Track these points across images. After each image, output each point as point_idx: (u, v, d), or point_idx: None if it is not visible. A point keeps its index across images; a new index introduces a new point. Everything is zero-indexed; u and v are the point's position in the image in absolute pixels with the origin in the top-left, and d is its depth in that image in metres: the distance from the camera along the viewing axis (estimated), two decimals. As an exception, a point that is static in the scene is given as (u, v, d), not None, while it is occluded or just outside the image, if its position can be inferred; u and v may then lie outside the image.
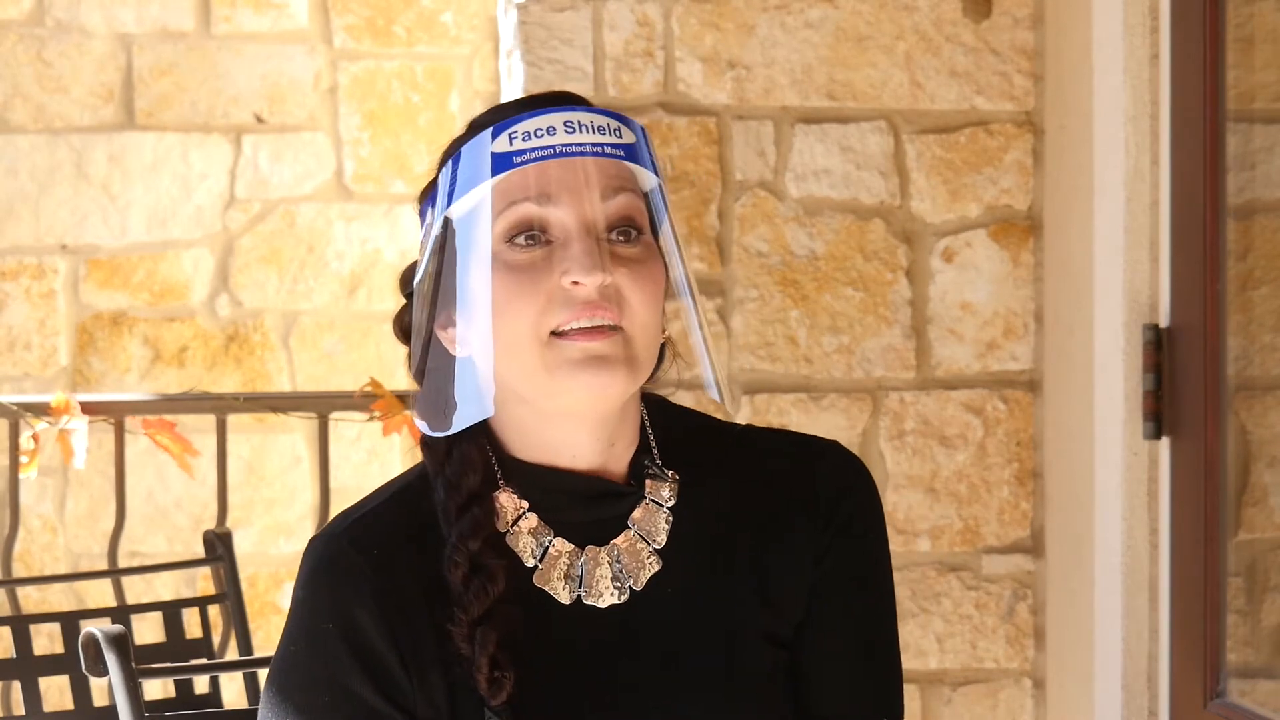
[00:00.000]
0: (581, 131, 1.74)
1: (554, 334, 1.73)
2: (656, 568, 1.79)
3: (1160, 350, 3.22)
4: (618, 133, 1.76)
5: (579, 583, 1.78)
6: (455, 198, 1.76)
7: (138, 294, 5.32)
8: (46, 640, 3.34)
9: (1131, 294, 3.26)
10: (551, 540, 1.78)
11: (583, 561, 1.78)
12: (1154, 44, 3.23)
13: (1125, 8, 3.25)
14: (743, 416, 3.68)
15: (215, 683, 3.09)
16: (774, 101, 3.70)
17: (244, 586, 3.79)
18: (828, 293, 3.72)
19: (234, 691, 4.57)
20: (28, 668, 2.85)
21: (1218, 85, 3.09)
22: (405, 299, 1.85)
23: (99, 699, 2.88)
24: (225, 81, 5.34)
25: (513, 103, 1.80)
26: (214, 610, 3.44)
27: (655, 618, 1.78)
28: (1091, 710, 3.44)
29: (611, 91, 3.64)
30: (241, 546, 5.00)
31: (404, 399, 3.81)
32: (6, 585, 3.66)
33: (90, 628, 2.18)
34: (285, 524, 5.33)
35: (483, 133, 1.75)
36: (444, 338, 1.79)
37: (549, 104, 1.77)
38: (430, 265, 1.79)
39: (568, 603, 1.77)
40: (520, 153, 1.73)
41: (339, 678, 1.74)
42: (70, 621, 2.91)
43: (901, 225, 3.73)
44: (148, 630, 4.10)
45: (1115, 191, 3.29)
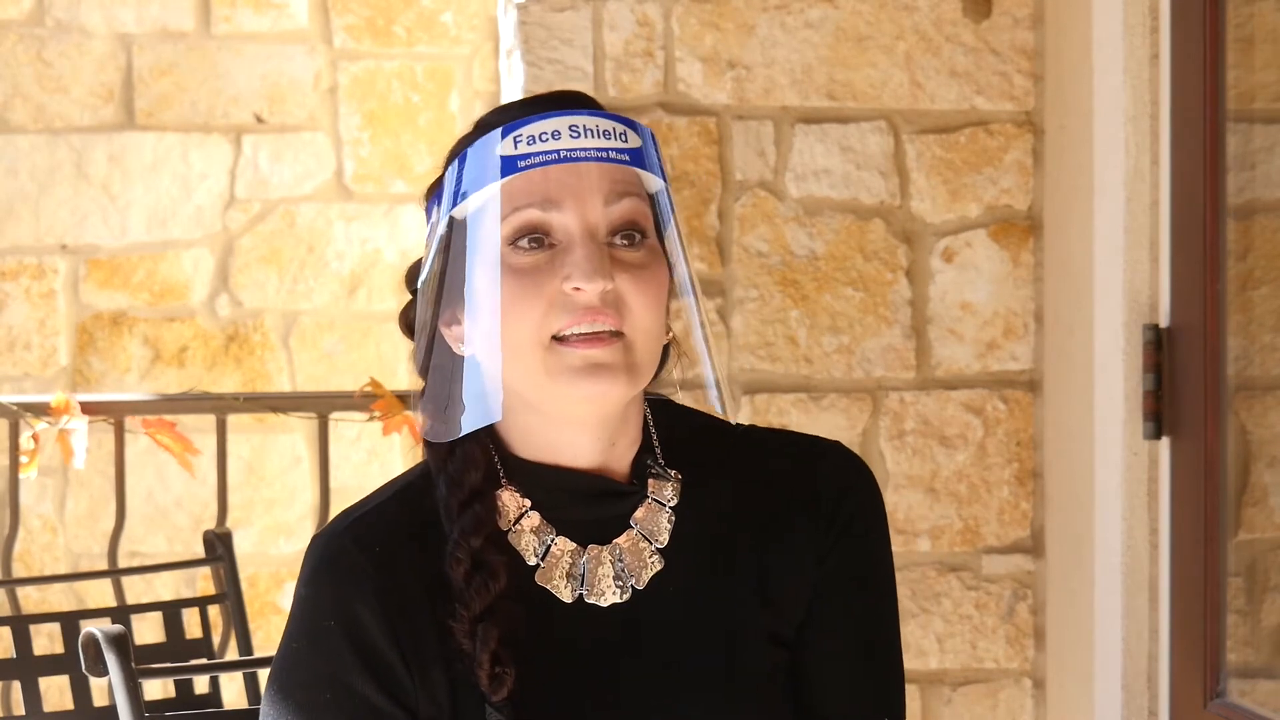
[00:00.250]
0: (586, 136, 1.75)
1: (555, 339, 1.73)
2: (658, 567, 1.79)
3: (1160, 350, 3.22)
4: (623, 137, 1.77)
5: (581, 581, 1.78)
6: (460, 199, 1.77)
7: (138, 294, 5.32)
8: (46, 640, 3.34)
9: (1131, 294, 3.26)
10: (554, 539, 1.79)
11: (585, 560, 1.78)
12: (1154, 44, 3.23)
13: (1125, 8, 3.25)
14: (743, 416, 3.68)
15: (215, 683, 3.09)
16: (774, 101, 3.70)
17: (244, 586, 3.79)
18: (828, 293, 3.72)
19: (234, 692, 4.57)
20: (28, 668, 2.85)
21: (1218, 85, 3.09)
22: (411, 294, 1.85)
23: (99, 699, 2.88)
24: (225, 81, 5.34)
25: (519, 103, 1.80)
26: (214, 610, 3.44)
27: (657, 617, 1.78)
28: (1091, 710, 3.44)
29: (611, 91, 3.64)
30: (241, 546, 5.00)
31: (404, 399, 3.81)
32: (6, 585, 3.66)
33: (90, 628, 2.18)
34: (285, 524, 5.33)
35: (489, 134, 1.76)
36: (449, 335, 1.80)
37: (556, 105, 1.78)
38: (435, 264, 1.79)
39: (569, 601, 1.77)
40: (525, 157, 1.74)
41: (341, 675, 1.74)
42: (70, 621, 2.91)
43: (901, 225, 3.73)
44: (148, 630, 4.10)
45: (1115, 191, 3.29)
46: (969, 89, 3.72)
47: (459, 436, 1.78)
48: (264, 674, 2.90)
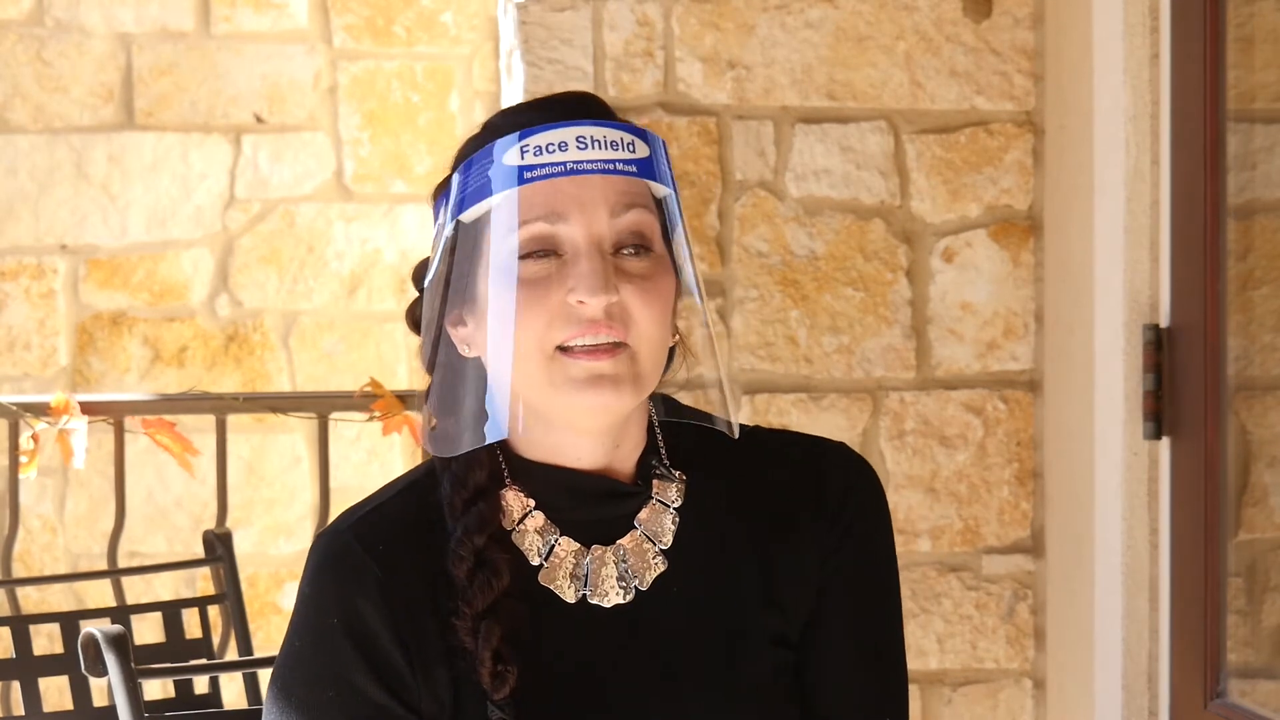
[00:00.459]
0: (594, 148, 1.75)
1: (560, 349, 1.74)
2: (662, 568, 1.80)
3: (1160, 350, 3.22)
4: (630, 147, 1.77)
5: (584, 582, 1.78)
6: (466, 205, 1.77)
7: (137, 294, 5.32)
8: (46, 640, 3.34)
9: (1131, 294, 3.26)
10: (557, 539, 1.79)
11: (588, 561, 1.79)
12: (1154, 44, 3.23)
13: (1125, 8, 3.25)
14: (743, 417, 3.68)
15: (215, 683, 3.09)
16: (774, 101, 3.70)
17: (244, 587, 3.78)
18: (828, 293, 3.72)
19: (234, 692, 4.56)
20: (27, 668, 2.85)
21: (1218, 85, 3.09)
22: (419, 292, 1.86)
23: (99, 699, 2.88)
24: (225, 81, 5.34)
25: (529, 107, 1.80)
26: (214, 610, 3.44)
27: (660, 618, 1.78)
28: (1091, 710, 3.44)
29: (611, 91, 3.64)
30: (241, 547, 4.99)
31: (404, 399, 3.81)
32: (6, 585, 3.66)
33: (90, 628, 2.18)
34: (285, 524, 5.33)
35: (497, 141, 1.76)
36: (454, 335, 1.80)
37: (565, 110, 1.78)
38: (441, 266, 1.80)
39: (573, 601, 1.78)
40: (532, 168, 1.74)
41: (344, 673, 1.75)
42: (70, 622, 2.91)
43: (901, 225, 3.73)
44: (148, 630, 4.09)
45: (1115, 191, 3.29)
46: (969, 89, 3.72)
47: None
48: (264, 674, 2.90)
